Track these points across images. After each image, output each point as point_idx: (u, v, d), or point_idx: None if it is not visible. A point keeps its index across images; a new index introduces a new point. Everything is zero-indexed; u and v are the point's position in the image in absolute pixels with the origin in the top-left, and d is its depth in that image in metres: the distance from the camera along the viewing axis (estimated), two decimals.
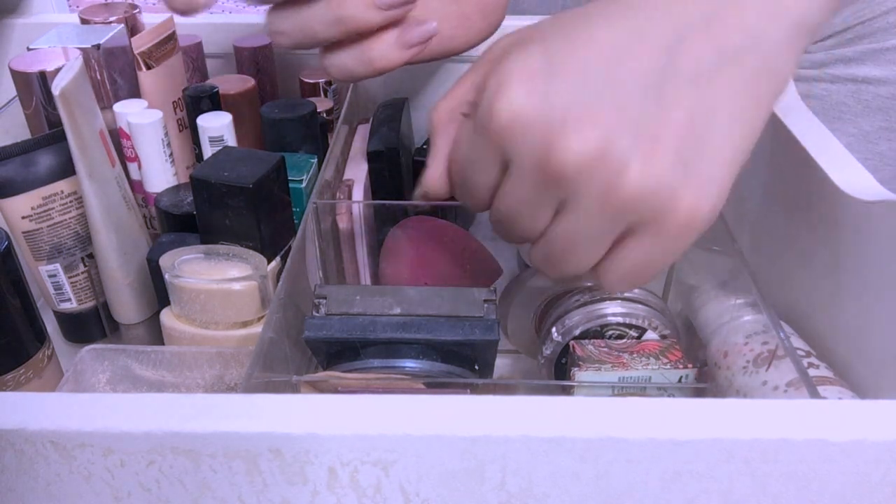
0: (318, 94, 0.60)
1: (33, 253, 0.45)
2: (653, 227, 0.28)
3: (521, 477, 0.26)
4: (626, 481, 0.26)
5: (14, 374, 0.40)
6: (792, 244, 0.43)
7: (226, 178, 0.39)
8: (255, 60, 0.58)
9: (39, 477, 0.27)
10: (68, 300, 0.47)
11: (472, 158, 0.31)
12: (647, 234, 0.29)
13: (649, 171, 0.27)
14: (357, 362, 0.38)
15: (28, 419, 0.25)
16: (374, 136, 0.54)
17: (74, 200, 0.45)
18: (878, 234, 0.36)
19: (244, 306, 0.40)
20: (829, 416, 0.25)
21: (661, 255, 0.30)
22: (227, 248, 0.41)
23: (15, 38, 0.63)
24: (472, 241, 0.49)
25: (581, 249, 0.30)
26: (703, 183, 0.28)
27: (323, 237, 0.46)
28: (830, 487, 0.25)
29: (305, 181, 0.46)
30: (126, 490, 0.27)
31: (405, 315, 0.39)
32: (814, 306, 0.41)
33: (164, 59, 0.51)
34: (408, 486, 0.26)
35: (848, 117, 0.55)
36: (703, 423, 0.25)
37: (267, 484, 0.26)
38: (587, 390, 0.38)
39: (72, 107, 0.39)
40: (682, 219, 0.28)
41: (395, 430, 0.25)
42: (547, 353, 0.41)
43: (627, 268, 0.30)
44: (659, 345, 0.39)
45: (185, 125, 0.53)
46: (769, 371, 0.35)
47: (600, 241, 0.30)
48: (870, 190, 0.36)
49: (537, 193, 0.29)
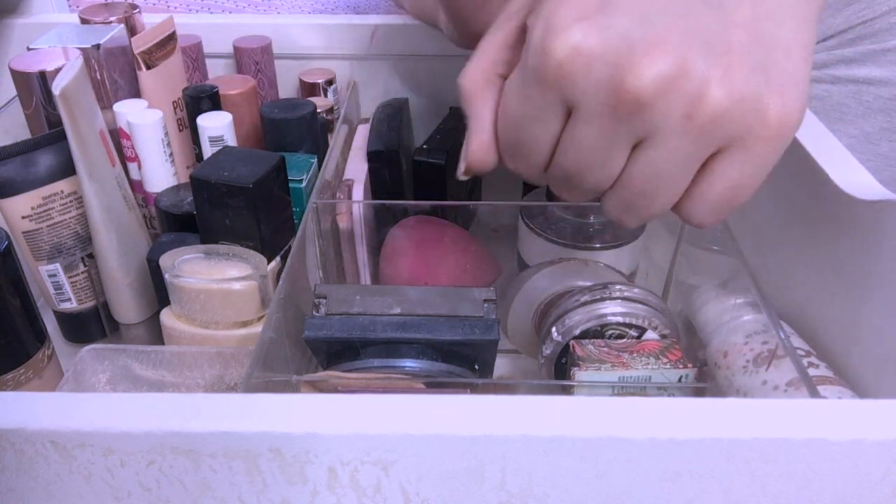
0: (318, 94, 0.60)
1: (33, 253, 0.45)
2: (744, 142, 0.27)
3: (521, 477, 0.26)
4: (626, 481, 0.26)
5: (14, 374, 0.40)
6: (792, 244, 0.43)
7: (226, 178, 0.39)
8: (255, 60, 0.58)
9: (39, 477, 0.27)
10: (68, 300, 0.47)
11: (526, 113, 0.29)
12: (739, 150, 0.27)
13: (730, 84, 0.26)
14: (357, 362, 0.38)
15: (28, 419, 0.25)
16: (374, 136, 0.54)
17: (74, 200, 0.45)
18: (878, 234, 0.36)
19: (244, 306, 0.40)
20: (829, 416, 0.25)
21: (755, 171, 0.28)
22: (227, 247, 0.41)
23: (15, 38, 0.63)
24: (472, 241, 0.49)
25: (665, 184, 0.28)
26: (786, 85, 0.27)
27: (323, 237, 0.46)
28: (830, 487, 0.25)
29: (305, 181, 0.46)
30: (126, 490, 0.27)
31: (405, 315, 0.39)
32: (814, 306, 0.41)
33: (164, 59, 0.51)
34: (408, 485, 0.26)
35: (849, 118, 0.55)
36: (703, 423, 0.25)
37: (267, 484, 0.26)
38: (587, 390, 0.38)
39: (72, 107, 0.39)
40: (773, 126, 0.26)
41: (395, 430, 0.25)
42: (547, 353, 0.41)
43: (720, 193, 0.28)
44: (659, 344, 0.39)
45: (185, 125, 0.53)
46: (769, 371, 0.35)
47: (686, 171, 0.28)
48: (870, 190, 0.36)
49: (610, 133, 0.27)
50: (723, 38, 0.26)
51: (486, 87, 0.31)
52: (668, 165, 0.28)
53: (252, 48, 0.58)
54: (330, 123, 0.57)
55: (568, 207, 0.49)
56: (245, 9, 0.69)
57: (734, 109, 0.26)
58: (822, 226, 0.40)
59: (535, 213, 0.49)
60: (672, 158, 0.27)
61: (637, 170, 0.28)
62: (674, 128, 0.26)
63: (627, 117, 0.27)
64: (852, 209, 0.37)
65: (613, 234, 0.48)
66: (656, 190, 0.28)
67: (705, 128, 0.26)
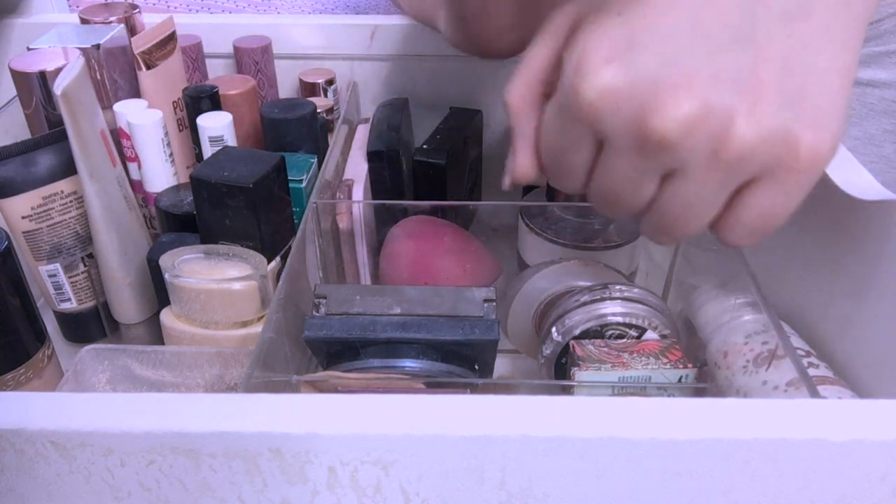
0: (318, 94, 0.60)
1: (33, 253, 0.45)
2: (774, 174, 0.27)
3: (521, 477, 0.26)
4: (626, 481, 0.26)
5: (14, 374, 0.40)
6: (792, 244, 0.43)
7: (226, 178, 0.39)
8: (255, 60, 0.58)
9: (39, 477, 0.27)
10: (68, 300, 0.47)
11: (562, 141, 0.30)
12: (769, 181, 0.27)
13: (758, 120, 0.26)
14: (357, 362, 0.38)
15: (28, 419, 0.25)
16: (374, 136, 0.54)
17: (74, 200, 0.45)
18: (879, 234, 0.36)
19: (244, 306, 0.40)
20: (829, 416, 0.25)
21: (787, 200, 0.28)
22: (227, 247, 0.41)
23: (15, 38, 0.63)
24: (472, 241, 0.49)
25: (696, 212, 0.29)
26: (819, 116, 0.27)
27: (323, 237, 0.46)
28: (830, 487, 0.25)
29: (305, 181, 0.46)
30: (126, 490, 0.27)
31: (405, 315, 0.39)
32: (814, 306, 0.41)
33: (164, 59, 0.51)
34: (408, 485, 0.26)
35: (853, 120, 0.55)
36: (703, 423, 0.25)
37: (267, 484, 0.26)
38: (587, 390, 0.38)
39: (73, 107, 0.39)
40: (805, 158, 0.27)
41: (395, 430, 0.25)
42: (547, 353, 0.41)
43: (753, 219, 0.29)
44: (659, 345, 0.39)
45: (185, 125, 0.53)
46: (769, 371, 0.35)
47: (715, 200, 0.29)
48: (870, 190, 0.36)
49: (639, 166, 0.28)
50: (752, 74, 0.26)
51: (529, 106, 0.32)
52: (698, 196, 0.28)
53: (252, 48, 0.58)
54: (330, 123, 0.57)
55: (568, 207, 0.49)
56: (245, 9, 0.69)
57: (762, 145, 0.26)
58: (823, 226, 0.40)
59: (535, 213, 0.49)
60: (701, 191, 0.28)
61: (667, 198, 0.29)
62: (701, 164, 0.27)
63: (654, 154, 0.27)
64: (852, 209, 0.37)
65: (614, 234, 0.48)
66: (688, 217, 0.29)
67: (732, 163, 0.27)
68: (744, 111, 0.26)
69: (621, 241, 0.48)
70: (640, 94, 0.27)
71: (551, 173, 0.33)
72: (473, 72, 0.61)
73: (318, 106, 0.53)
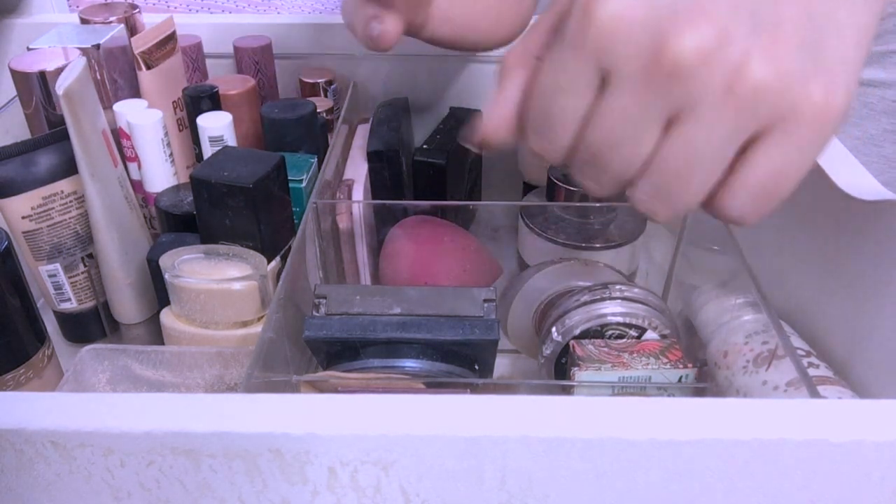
0: (318, 94, 0.60)
1: (33, 253, 0.45)
2: (786, 124, 0.26)
3: (520, 477, 0.26)
4: (626, 481, 0.26)
5: (14, 374, 0.40)
6: (792, 244, 0.43)
7: (226, 178, 0.39)
8: (255, 60, 0.58)
9: (39, 477, 0.27)
10: (68, 300, 0.47)
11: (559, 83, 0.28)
12: (781, 133, 0.26)
13: (775, 59, 0.25)
14: (357, 362, 0.38)
15: (28, 419, 0.25)
16: (374, 136, 0.54)
17: (74, 200, 0.45)
18: (879, 234, 0.36)
19: (244, 306, 0.40)
20: (829, 416, 0.25)
21: (795, 160, 0.26)
22: (227, 248, 0.41)
23: (15, 38, 0.63)
24: (472, 241, 0.49)
25: (701, 165, 0.27)
26: (834, 70, 0.26)
27: (323, 237, 0.46)
28: (830, 488, 0.25)
29: (305, 181, 0.46)
30: (126, 490, 0.27)
31: (405, 315, 0.39)
32: (814, 306, 0.41)
33: (164, 59, 0.51)
34: (408, 486, 0.26)
35: (854, 120, 0.55)
36: (703, 423, 0.25)
37: (267, 484, 0.26)
38: (587, 390, 0.38)
39: (75, 107, 0.39)
40: (816, 111, 0.25)
41: (395, 430, 0.25)
42: (547, 353, 0.41)
43: (760, 180, 0.27)
44: (659, 345, 0.39)
45: (185, 125, 0.53)
46: (769, 371, 0.35)
47: (723, 152, 0.27)
48: (870, 190, 0.36)
49: (645, 103, 0.26)
50: (772, 11, 0.25)
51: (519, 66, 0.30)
52: (705, 143, 0.26)
53: (252, 48, 0.58)
54: (330, 123, 0.57)
55: (568, 207, 0.49)
56: (245, 9, 0.69)
57: (777, 85, 0.25)
58: (823, 226, 0.40)
59: (535, 213, 0.49)
60: (709, 135, 0.26)
61: (671, 149, 0.27)
62: (713, 100, 0.25)
63: (665, 86, 0.26)
64: (852, 209, 0.37)
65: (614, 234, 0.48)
66: (691, 172, 0.27)
67: (746, 102, 0.25)
68: (762, 47, 0.25)
69: (621, 241, 0.48)
70: (656, 21, 0.25)
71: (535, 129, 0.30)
72: (473, 72, 0.62)
73: (318, 106, 0.53)
